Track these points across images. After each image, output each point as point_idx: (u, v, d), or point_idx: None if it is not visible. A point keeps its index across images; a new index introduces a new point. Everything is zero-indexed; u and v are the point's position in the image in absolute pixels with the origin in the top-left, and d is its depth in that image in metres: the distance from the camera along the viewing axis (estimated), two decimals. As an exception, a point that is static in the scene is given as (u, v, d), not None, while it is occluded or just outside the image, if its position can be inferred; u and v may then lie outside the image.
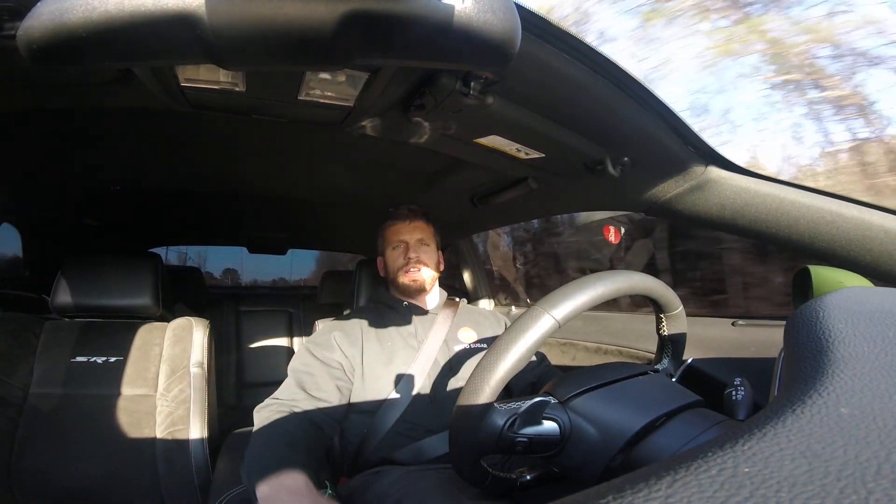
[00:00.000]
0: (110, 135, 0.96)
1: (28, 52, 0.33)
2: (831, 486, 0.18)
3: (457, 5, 0.33)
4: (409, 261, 1.07)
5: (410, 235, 1.10)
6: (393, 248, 1.10)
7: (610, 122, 0.74)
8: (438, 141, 0.85)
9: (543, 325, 0.51)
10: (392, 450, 0.89)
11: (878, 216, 0.68)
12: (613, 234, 1.52)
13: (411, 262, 1.07)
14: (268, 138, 0.99)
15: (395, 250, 1.10)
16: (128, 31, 0.32)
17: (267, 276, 3.05)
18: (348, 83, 0.68)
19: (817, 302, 0.39)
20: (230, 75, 0.66)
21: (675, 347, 0.69)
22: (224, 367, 2.03)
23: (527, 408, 0.52)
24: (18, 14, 0.39)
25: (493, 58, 0.37)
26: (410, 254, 1.07)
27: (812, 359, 0.30)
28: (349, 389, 0.96)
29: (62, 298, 1.09)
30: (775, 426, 0.23)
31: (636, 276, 0.60)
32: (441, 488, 0.73)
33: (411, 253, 1.07)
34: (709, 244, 1.64)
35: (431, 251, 1.12)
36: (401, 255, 1.08)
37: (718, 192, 0.80)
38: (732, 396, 0.53)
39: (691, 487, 0.18)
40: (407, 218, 1.11)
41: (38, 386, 1.04)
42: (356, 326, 1.03)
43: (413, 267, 1.07)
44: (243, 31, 0.32)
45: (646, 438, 0.50)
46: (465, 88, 0.62)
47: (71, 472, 0.98)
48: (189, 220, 1.87)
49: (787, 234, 0.76)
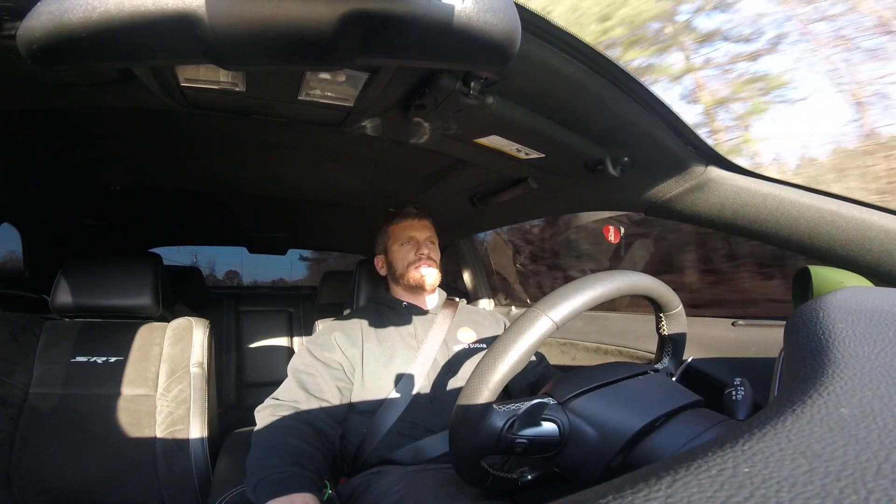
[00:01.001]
0: (110, 135, 0.96)
1: (28, 52, 0.33)
2: (831, 486, 0.18)
3: (457, 5, 0.33)
4: (422, 257, 1.07)
5: (420, 233, 1.10)
6: (401, 244, 1.10)
7: (610, 122, 0.74)
8: (438, 141, 0.85)
9: (541, 328, 0.51)
10: (392, 450, 0.89)
11: (878, 216, 0.68)
12: (613, 234, 1.52)
13: (423, 257, 1.07)
14: (268, 138, 0.99)
15: (403, 247, 1.09)
16: (128, 31, 0.32)
17: (266, 277, 3.06)
18: (348, 83, 0.68)
19: (817, 302, 0.39)
20: (230, 75, 0.66)
21: (674, 347, 0.69)
22: (224, 367, 2.03)
23: (526, 409, 0.52)
24: (18, 14, 0.39)
25: (493, 58, 0.37)
26: (423, 250, 1.07)
27: (812, 359, 0.30)
28: (350, 390, 0.96)
29: (62, 298, 1.09)
30: (775, 426, 0.22)
31: (635, 276, 0.60)
32: (441, 488, 0.73)
33: (423, 249, 1.07)
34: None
35: (437, 252, 1.12)
36: (411, 251, 1.08)
37: (718, 192, 0.80)
38: (732, 396, 0.53)
39: (691, 487, 0.18)
40: (416, 216, 1.12)
41: (38, 386, 1.04)
42: (356, 327, 1.03)
43: (424, 263, 1.07)
44: (243, 31, 0.32)
45: (646, 438, 0.50)
46: (465, 88, 0.62)
47: (71, 472, 0.98)
48: (189, 220, 1.87)
49: (787, 234, 0.76)
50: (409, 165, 1.15)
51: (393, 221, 1.13)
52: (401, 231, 1.11)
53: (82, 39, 0.31)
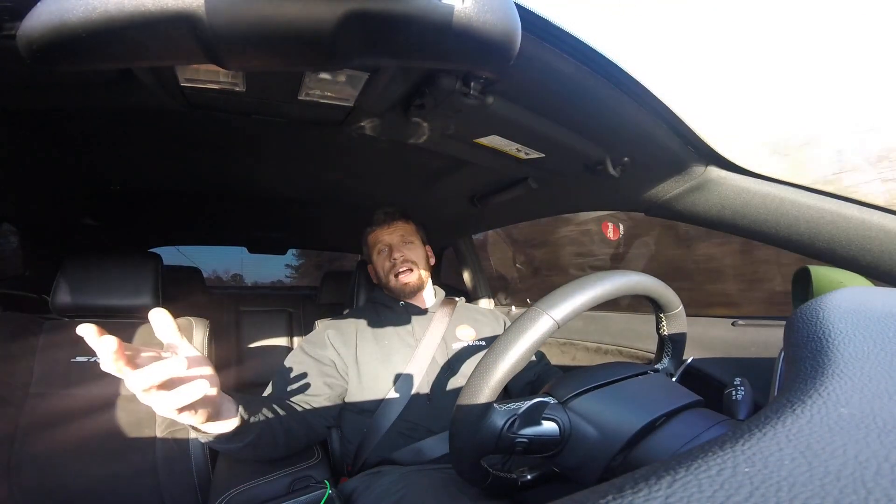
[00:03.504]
0: (110, 135, 0.96)
1: (28, 52, 0.33)
2: (831, 486, 0.18)
3: (457, 5, 0.33)
4: (396, 261, 1.07)
5: (391, 237, 1.10)
6: (378, 252, 1.10)
7: (610, 122, 0.74)
8: (438, 141, 0.85)
9: (542, 326, 0.51)
10: (392, 450, 0.89)
11: (878, 216, 0.68)
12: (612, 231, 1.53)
13: (398, 262, 1.07)
14: (268, 138, 0.99)
15: (380, 255, 1.10)
16: (128, 31, 0.32)
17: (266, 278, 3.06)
18: (348, 83, 0.68)
19: (817, 302, 0.39)
20: (230, 75, 0.65)
21: (674, 347, 0.69)
22: (224, 367, 2.03)
23: (526, 408, 0.52)
24: (18, 14, 0.39)
25: (493, 58, 0.37)
26: (395, 254, 1.07)
27: (812, 359, 0.30)
28: (342, 387, 0.96)
29: (62, 298, 1.09)
30: (775, 426, 0.23)
31: (635, 275, 0.60)
32: (441, 488, 0.73)
33: (396, 253, 1.07)
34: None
35: (417, 247, 1.12)
36: (386, 258, 1.09)
37: (718, 192, 0.80)
38: (732, 396, 0.53)
39: (691, 487, 0.18)
40: (384, 222, 1.11)
41: (38, 386, 1.04)
42: (351, 325, 1.03)
43: (401, 266, 1.07)
44: (243, 31, 0.32)
45: (646, 438, 0.50)
46: (465, 88, 0.62)
47: (71, 473, 0.98)
48: (189, 220, 1.87)
49: (787, 234, 0.76)
50: (409, 165, 1.15)
51: (367, 231, 1.14)
52: (374, 240, 1.12)
53: (82, 39, 0.31)
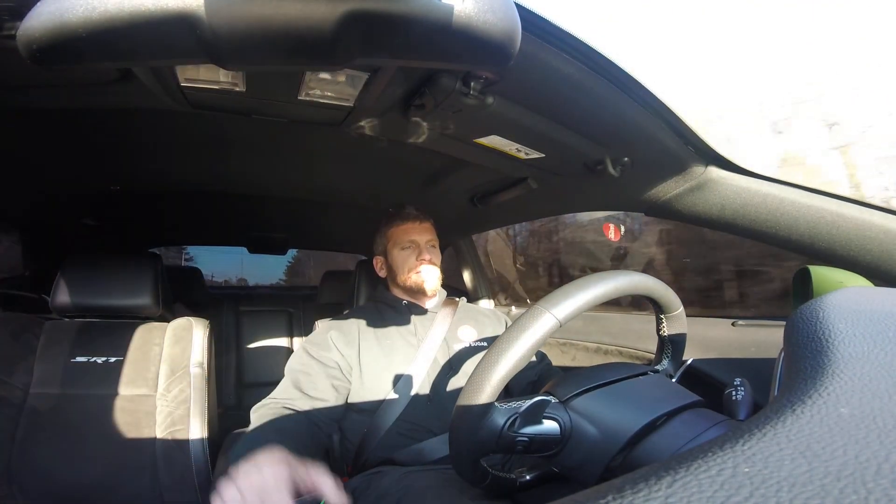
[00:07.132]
0: (110, 135, 0.96)
1: (28, 52, 0.33)
2: (831, 486, 0.18)
3: (457, 5, 0.33)
4: (423, 261, 1.06)
5: (421, 236, 1.09)
6: (402, 248, 1.09)
7: (610, 122, 0.74)
8: (438, 141, 0.85)
9: (545, 325, 0.50)
10: (392, 450, 0.89)
11: (878, 216, 0.68)
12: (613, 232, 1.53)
13: (424, 263, 1.06)
14: (268, 138, 0.99)
15: (404, 251, 1.08)
16: (128, 31, 0.32)
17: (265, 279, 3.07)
18: (348, 83, 0.68)
19: (817, 302, 0.39)
20: (230, 75, 0.66)
21: (675, 348, 0.68)
22: (224, 367, 2.03)
23: (527, 407, 0.52)
24: (18, 14, 0.39)
25: (493, 58, 0.37)
26: (424, 255, 1.06)
27: (812, 359, 0.30)
28: (346, 389, 0.96)
29: (62, 298, 1.09)
30: (775, 426, 0.22)
31: (637, 276, 0.60)
32: (441, 488, 0.73)
33: (424, 255, 1.07)
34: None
35: (438, 254, 1.12)
36: (411, 256, 1.07)
37: (718, 192, 0.80)
38: (732, 396, 0.53)
39: (691, 487, 0.18)
40: (417, 219, 1.10)
41: (38, 386, 1.04)
42: (353, 325, 1.03)
43: (425, 268, 1.06)
44: (243, 31, 0.32)
45: (646, 438, 0.50)
46: (465, 88, 0.62)
47: (71, 472, 0.98)
48: (189, 220, 1.87)
49: (787, 234, 0.76)
50: (409, 165, 1.15)
51: (393, 223, 1.11)
52: (401, 234, 1.09)
53: (82, 39, 0.31)
